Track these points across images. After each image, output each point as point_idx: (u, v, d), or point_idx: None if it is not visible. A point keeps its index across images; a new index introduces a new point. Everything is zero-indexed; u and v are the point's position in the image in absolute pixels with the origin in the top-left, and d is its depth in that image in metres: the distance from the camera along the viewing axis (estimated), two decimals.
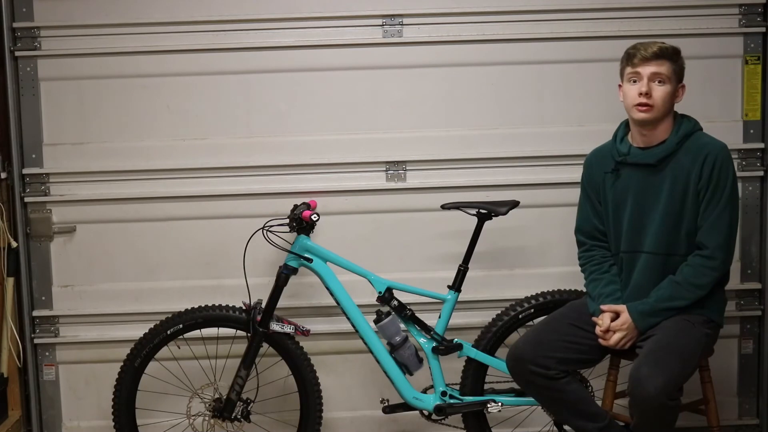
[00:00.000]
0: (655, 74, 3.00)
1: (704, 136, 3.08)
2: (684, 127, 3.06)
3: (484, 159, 3.75)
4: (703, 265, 3.00)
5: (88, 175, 3.73)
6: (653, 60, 3.00)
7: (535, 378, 3.03)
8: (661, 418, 2.85)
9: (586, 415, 3.08)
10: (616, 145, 3.15)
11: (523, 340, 3.10)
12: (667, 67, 3.01)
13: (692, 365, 2.95)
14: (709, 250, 2.99)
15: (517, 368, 3.08)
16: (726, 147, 3.04)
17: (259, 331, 3.39)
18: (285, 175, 3.74)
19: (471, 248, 3.43)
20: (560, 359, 3.03)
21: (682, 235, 3.04)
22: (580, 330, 3.09)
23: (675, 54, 3.04)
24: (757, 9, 3.70)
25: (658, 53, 3.00)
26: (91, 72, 3.69)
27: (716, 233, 2.99)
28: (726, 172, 2.99)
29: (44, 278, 3.78)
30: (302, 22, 3.69)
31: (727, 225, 3.00)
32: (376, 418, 3.74)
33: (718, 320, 3.08)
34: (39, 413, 3.83)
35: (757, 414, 3.87)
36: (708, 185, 2.99)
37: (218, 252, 3.75)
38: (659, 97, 3.00)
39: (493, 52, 3.71)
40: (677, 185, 3.03)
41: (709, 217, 2.99)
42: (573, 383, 3.08)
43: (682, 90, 3.08)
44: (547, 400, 3.15)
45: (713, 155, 2.99)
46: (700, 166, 2.99)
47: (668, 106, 3.03)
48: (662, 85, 3.00)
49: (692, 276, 3.00)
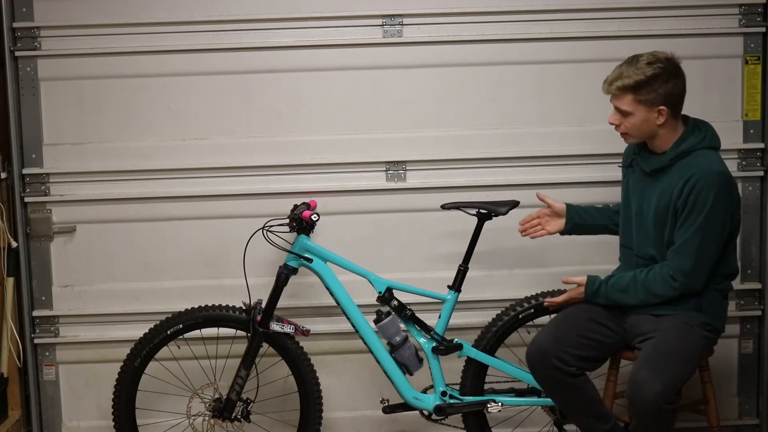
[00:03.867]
0: (616, 108, 2.99)
1: (704, 155, 2.96)
2: (686, 144, 2.98)
3: (484, 159, 3.74)
4: (664, 279, 2.98)
5: (88, 175, 3.73)
6: (613, 95, 2.99)
7: (556, 373, 3.02)
8: (659, 421, 2.86)
9: (597, 415, 3.09)
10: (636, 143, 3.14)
11: (544, 335, 3.09)
12: (629, 100, 2.93)
13: (691, 368, 2.96)
14: (672, 270, 2.96)
15: (539, 363, 3.06)
16: (718, 173, 2.92)
17: (259, 331, 3.39)
18: (285, 175, 3.74)
19: (471, 248, 3.43)
20: (578, 356, 3.03)
21: (664, 246, 3.03)
22: (596, 325, 3.09)
23: (639, 86, 2.90)
24: (757, 9, 3.69)
25: (617, 90, 2.95)
26: (91, 72, 3.69)
27: (681, 258, 2.95)
28: (705, 197, 2.89)
29: (44, 278, 3.78)
30: (302, 22, 3.69)
31: (693, 252, 2.92)
32: (376, 418, 3.73)
33: (717, 326, 3.07)
34: (39, 413, 3.83)
35: (757, 414, 3.87)
36: (684, 207, 2.93)
37: (218, 252, 3.75)
38: (628, 128, 2.99)
39: (493, 52, 3.71)
40: (663, 198, 3.01)
41: (679, 239, 2.95)
42: (588, 382, 3.09)
43: (663, 112, 2.93)
44: (563, 398, 3.13)
45: (695, 178, 2.90)
46: (681, 186, 2.93)
47: (645, 130, 2.98)
48: (627, 117, 2.96)
49: (652, 281, 3.00)
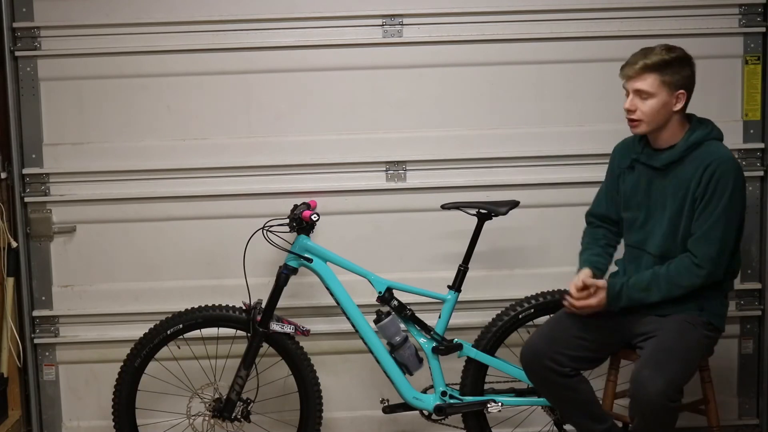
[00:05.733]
0: (637, 91, 2.98)
1: (715, 145, 3.01)
2: (696, 135, 3.00)
3: (484, 159, 3.75)
4: (689, 269, 2.97)
5: (88, 175, 3.73)
6: (636, 77, 2.97)
7: (550, 374, 3.03)
8: (662, 420, 2.86)
9: (594, 416, 3.09)
10: (636, 141, 3.14)
11: (538, 336, 3.10)
12: (653, 80, 2.94)
13: (693, 367, 2.96)
14: (698, 259, 2.97)
15: (532, 364, 3.07)
16: (733, 159, 2.98)
17: (259, 331, 3.39)
18: (285, 175, 3.74)
19: (471, 248, 3.43)
20: (573, 357, 3.04)
21: (678, 241, 3.03)
22: (592, 325, 3.08)
23: (665, 65, 2.94)
24: (757, 9, 3.70)
25: (641, 69, 2.95)
26: (91, 72, 3.69)
27: (706, 244, 2.96)
28: (725, 183, 2.94)
29: (44, 278, 3.78)
30: (302, 22, 3.69)
31: (718, 237, 2.95)
32: (376, 418, 3.73)
33: (718, 325, 3.07)
34: (39, 413, 3.83)
35: (757, 414, 3.87)
36: (704, 194, 2.95)
37: (218, 252, 3.75)
38: (645, 112, 2.97)
39: (493, 52, 3.71)
40: (679, 192, 3.01)
41: (701, 227, 2.97)
42: (584, 383, 3.09)
43: (681, 96, 2.98)
44: (558, 399, 3.14)
45: (714, 165, 2.94)
46: (699, 175, 2.96)
47: (660, 117, 2.98)
48: (647, 100, 2.96)
49: (675, 273, 2.99)
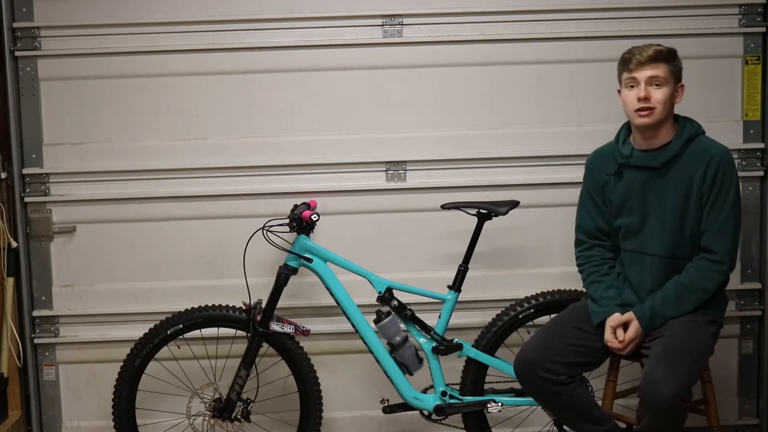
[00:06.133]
0: (652, 78, 2.99)
1: (706, 140, 3.07)
2: (687, 131, 3.05)
3: (484, 159, 3.74)
4: (710, 269, 2.99)
5: (88, 175, 3.73)
6: (649, 63, 2.98)
7: (545, 384, 3.01)
8: (673, 420, 2.86)
9: (592, 419, 3.08)
10: (618, 147, 3.13)
11: (531, 345, 3.08)
12: (664, 69, 2.99)
13: (701, 366, 2.97)
14: (718, 254, 2.99)
15: (526, 374, 3.05)
16: (729, 151, 3.04)
17: (259, 331, 3.39)
18: (285, 175, 3.74)
19: (471, 248, 3.43)
20: (567, 364, 3.02)
21: (685, 238, 3.04)
22: (584, 333, 3.08)
23: (671, 55, 3.02)
24: (757, 9, 3.70)
25: (654, 56, 2.98)
26: (91, 72, 3.69)
27: (723, 238, 2.99)
28: (729, 176, 3.00)
29: (44, 278, 3.78)
30: (302, 22, 3.69)
31: (732, 230, 3.00)
32: (376, 418, 3.73)
33: (719, 320, 3.08)
34: (39, 413, 3.83)
35: (757, 414, 3.87)
36: (711, 189, 2.98)
37: (218, 252, 3.75)
38: (658, 100, 2.98)
39: (493, 52, 3.71)
40: (680, 188, 3.02)
41: (715, 222, 2.99)
42: (580, 388, 3.08)
43: (681, 89, 3.07)
44: (555, 406, 3.14)
45: (717, 159, 2.98)
46: (704, 170, 2.99)
47: (668, 107, 3.02)
48: (660, 88, 2.99)
49: (699, 279, 3.00)
